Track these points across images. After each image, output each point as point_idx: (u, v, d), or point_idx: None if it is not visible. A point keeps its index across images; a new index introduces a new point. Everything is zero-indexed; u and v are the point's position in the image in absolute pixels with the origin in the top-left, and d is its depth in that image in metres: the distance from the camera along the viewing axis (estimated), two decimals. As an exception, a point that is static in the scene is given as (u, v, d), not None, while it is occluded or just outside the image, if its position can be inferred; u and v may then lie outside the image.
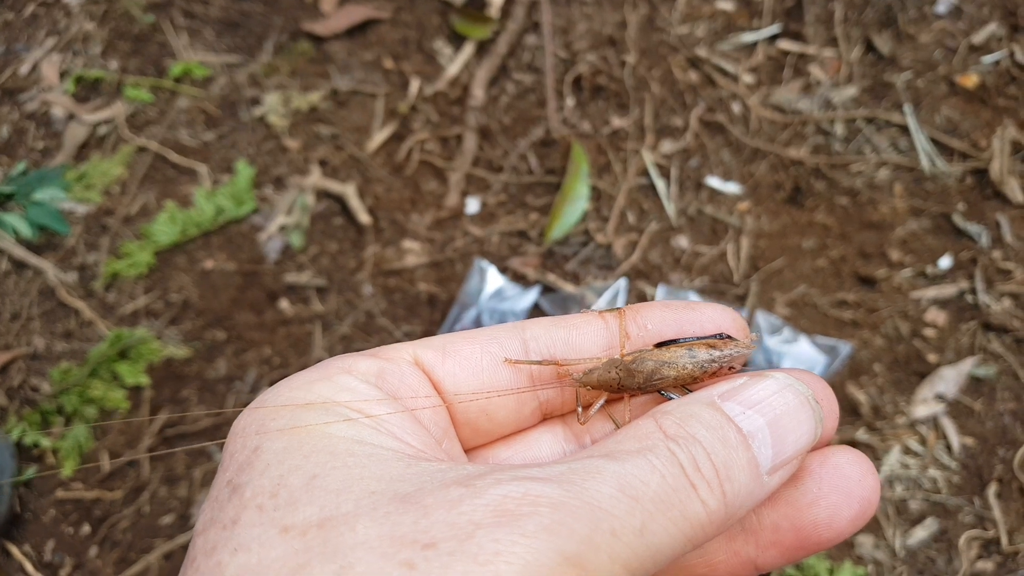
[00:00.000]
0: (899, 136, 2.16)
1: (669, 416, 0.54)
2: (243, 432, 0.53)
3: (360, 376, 0.57)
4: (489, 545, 0.43)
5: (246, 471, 0.50)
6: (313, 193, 2.26)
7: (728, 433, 0.53)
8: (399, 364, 0.59)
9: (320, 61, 2.42)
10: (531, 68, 2.34)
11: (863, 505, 0.58)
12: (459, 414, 0.62)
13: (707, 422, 0.53)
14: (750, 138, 2.19)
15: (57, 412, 2.09)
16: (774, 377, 0.57)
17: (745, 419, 0.54)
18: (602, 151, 2.23)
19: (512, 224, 2.18)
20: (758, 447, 0.53)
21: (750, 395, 0.56)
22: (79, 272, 2.24)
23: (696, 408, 0.54)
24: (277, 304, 2.16)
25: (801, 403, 0.56)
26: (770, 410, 0.55)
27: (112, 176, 2.33)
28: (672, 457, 0.50)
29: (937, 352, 1.96)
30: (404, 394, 0.58)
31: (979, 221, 2.06)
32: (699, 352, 0.62)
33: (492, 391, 0.62)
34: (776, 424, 0.55)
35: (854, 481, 0.58)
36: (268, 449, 0.51)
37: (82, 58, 2.51)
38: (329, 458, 0.49)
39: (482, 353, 0.62)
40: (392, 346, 0.61)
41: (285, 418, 0.52)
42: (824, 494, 0.58)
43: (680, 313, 0.63)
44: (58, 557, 1.97)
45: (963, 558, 1.78)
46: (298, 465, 0.49)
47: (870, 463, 0.59)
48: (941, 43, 2.24)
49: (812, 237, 2.09)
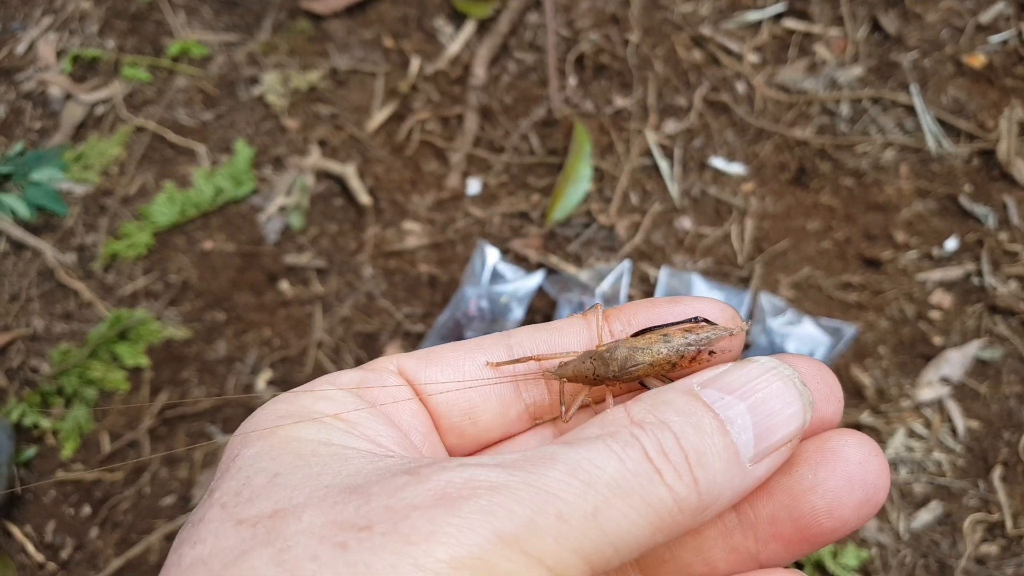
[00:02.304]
0: (905, 116, 2.14)
1: (640, 403, 0.52)
2: (230, 446, 0.56)
3: (342, 387, 0.59)
4: (423, 526, 0.44)
5: (222, 477, 0.52)
6: (313, 173, 2.24)
7: (703, 419, 0.51)
8: (381, 373, 0.61)
9: (319, 40, 2.39)
10: (533, 47, 2.32)
11: (867, 491, 0.55)
12: (443, 418, 0.62)
13: (680, 408, 0.51)
14: (754, 118, 2.17)
15: (57, 393, 2.08)
16: (758, 362, 0.55)
17: (723, 404, 0.52)
18: (605, 131, 2.20)
19: (514, 205, 2.16)
20: (737, 433, 0.51)
21: (730, 380, 0.54)
22: (78, 253, 2.22)
23: (671, 395, 0.53)
24: (277, 285, 2.14)
25: (785, 386, 0.54)
26: (751, 394, 0.53)
27: (110, 156, 2.31)
28: (634, 442, 0.48)
29: (943, 335, 1.94)
30: (383, 400, 0.59)
31: (986, 203, 2.04)
32: (674, 337, 0.60)
33: (465, 381, 0.62)
34: (758, 408, 0.53)
35: (854, 464, 0.55)
36: (243, 455, 0.53)
37: (79, 37, 2.48)
38: (294, 459, 0.51)
39: (465, 358, 0.63)
40: (380, 359, 0.63)
41: (264, 425, 0.55)
42: (821, 480, 0.55)
43: (665, 308, 0.62)
44: (59, 538, 1.97)
45: (967, 541, 1.78)
46: (264, 467, 0.51)
47: (874, 445, 0.56)
48: (948, 22, 2.21)
49: (817, 218, 2.07)
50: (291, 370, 2.06)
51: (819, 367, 0.59)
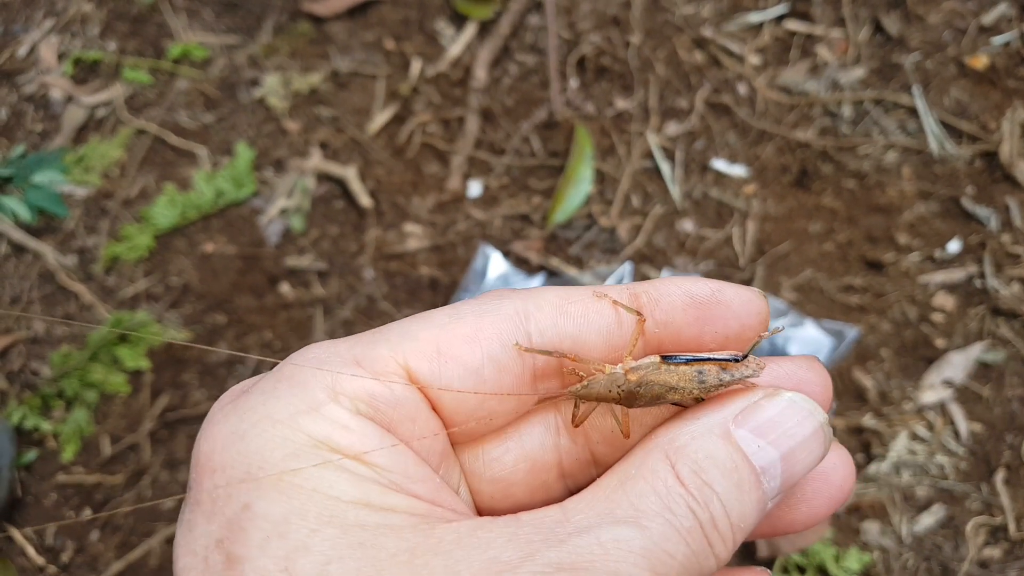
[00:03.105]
0: (907, 118, 2.13)
1: (684, 457, 0.52)
2: (222, 470, 0.48)
3: (350, 405, 0.51)
4: None
5: (240, 539, 0.45)
6: (314, 176, 2.23)
7: (743, 476, 0.52)
8: (391, 386, 0.53)
9: (320, 42, 2.39)
10: (534, 49, 2.31)
11: (840, 502, 0.58)
12: (453, 424, 0.57)
13: (722, 464, 0.52)
14: (756, 120, 2.16)
15: (57, 396, 2.07)
16: (790, 400, 0.55)
17: (760, 454, 0.53)
18: (606, 133, 2.20)
19: (515, 207, 2.16)
20: (768, 482, 0.53)
21: (765, 422, 0.54)
22: (79, 255, 2.22)
23: (711, 445, 0.53)
24: (278, 288, 2.14)
25: (815, 432, 0.55)
26: (786, 442, 0.54)
27: (111, 159, 2.31)
28: (693, 519, 0.49)
29: (945, 337, 1.94)
30: (401, 424, 0.53)
31: (988, 204, 2.03)
32: (708, 376, 0.58)
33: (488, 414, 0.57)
34: (789, 458, 0.54)
35: (836, 486, 0.58)
36: (264, 514, 0.45)
37: (80, 39, 2.48)
38: (340, 534, 0.45)
39: (483, 357, 0.55)
40: (378, 347, 0.54)
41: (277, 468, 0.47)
42: (807, 499, 0.58)
43: (706, 310, 0.58)
44: (59, 541, 1.96)
45: (970, 545, 1.77)
46: (305, 543, 0.45)
47: (851, 460, 0.59)
48: (950, 24, 2.21)
49: (819, 221, 2.07)
50: (292, 373, 2.06)
51: (812, 366, 0.60)
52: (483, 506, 0.61)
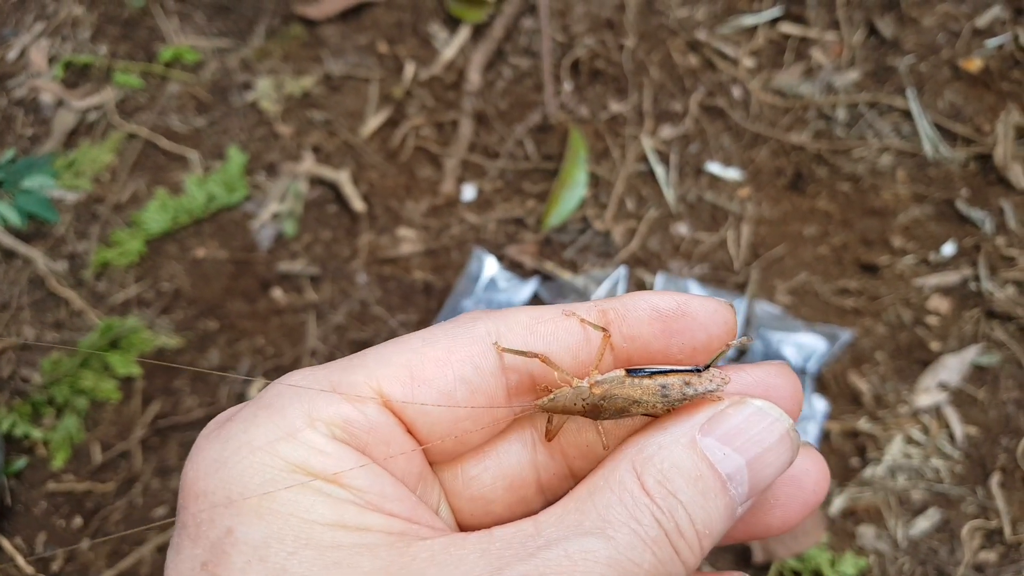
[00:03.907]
0: (902, 121, 2.13)
1: (650, 467, 0.54)
2: (206, 496, 0.50)
3: (326, 430, 0.53)
4: None
5: (223, 562, 0.47)
6: (306, 180, 2.22)
7: (708, 484, 0.53)
8: (365, 410, 0.55)
9: (313, 45, 2.38)
10: (528, 52, 2.31)
11: (814, 506, 0.61)
12: (435, 445, 0.59)
13: (687, 472, 0.53)
14: (751, 123, 2.16)
15: (48, 403, 2.06)
16: (756, 407, 0.57)
17: (725, 461, 0.55)
18: (600, 136, 2.19)
19: (509, 211, 2.15)
20: (735, 487, 0.54)
21: (731, 429, 0.56)
22: (69, 261, 2.21)
23: (677, 454, 0.54)
24: (270, 293, 2.13)
25: (781, 438, 0.57)
26: (752, 448, 0.56)
27: (102, 163, 2.29)
28: (659, 528, 0.51)
29: (940, 340, 1.93)
30: (376, 447, 0.55)
31: (983, 207, 2.03)
32: (672, 390, 0.59)
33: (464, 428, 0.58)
34: (755, 463, 0.55)
35: (809, 491, 0.60)
36: (244, 539, 0.48)
37: (71, 43, 2.47)
38: (316, 556, 0.47)
39: (454, 379, 0.57)
40: (355, 373, 0.56)
41: (256, 492, 0.49)
42: (781, 503, 0.60)
43: (672, 323, 0.59)
44: (50, 549, 1.95)
45: (966, 548, 1.76)
46: (283, 566, 0.47)
47: (824, 463, 0.61)
48: (944, 26, 2.21)
49: (813, 224, 2.06)
50: (285, 378, 2.04)
51: (781, 371, 0.61)
52: (464, 523, 0.63)
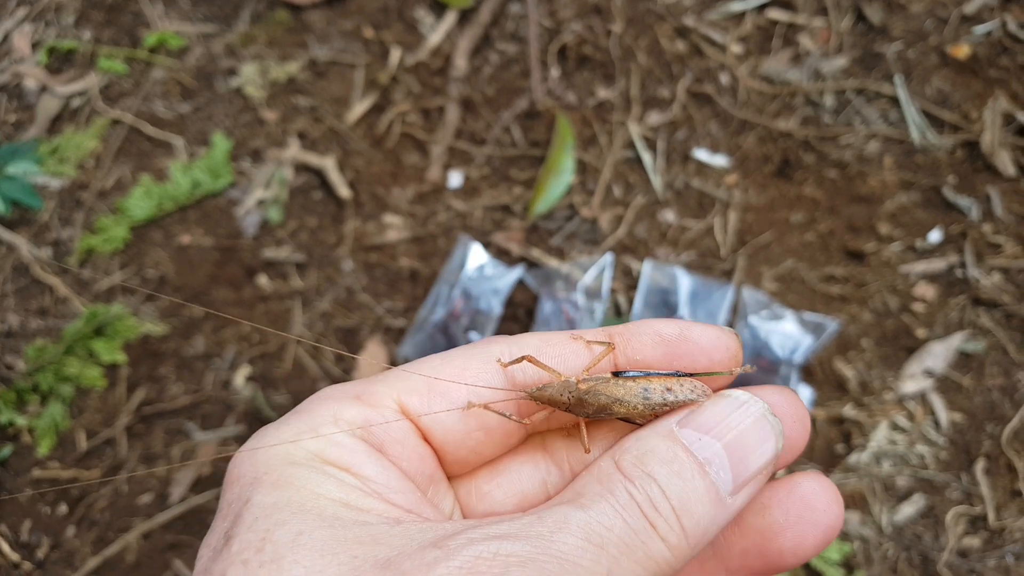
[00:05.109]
0: (889, 108, 2.12)
1: (627, 454, 0.57)
2: (238, 480, 0.56)
3: (346, 428, 0.59)
4: None
5: (237, 523, 0.53)
6: (291, 166, 2.21)
7: (684, 465, 0.56)
8: (384, 414, 0.61)
9: (298, 30, 2.36)
10: (515, 37, 2.29)
11: (827, 532, 0.61)
12: (449, 455, 0.65)
13: (663, 456, 0.56)
14: (738, 109, 2.15)
15: (32, 390, 2.05)
16: (731, 396, 0.60)
17: (701, 446, 0.57)
18: (587, 123, 2.18)
19: (495, 198, 2.14)
20: (716, 472, 0.56)
21: (706, 419, 0.59)
22: (53, 248, 2.19)
23: (653, 442, 0.58)
24: (255, 280, 2.12)
25: (758, 421, 0.59)
26: (726, 431, 0.58)
27: (86, 149, 2.28)
28: (630, 499, 0.54)
29: (926, 327, 1.93)
30: (390, 446, 0.61)
31: (969, 194, 2.03)
32: (653, 394, 0.63)
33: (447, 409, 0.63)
34: (733, 446, 0.58)
35: (820, 511, 0.61)
36: (258, 503, 0.53)
37: (55, 28, 2.44)
38: (316, 519, 0.52)
39: (467, 392, 0.63)
40: (377, 385, 0.62)
41: (276, 471, 0.55)
42: (791, 523, 0.61)
43: (674, 347, 0.64)
44: (35, 537, 1.94)
45: (950, 534, 1.77)
46: (285, 520, 0.52)
47: (835, 489, 0.62)
48: (932, 13, 2.20)
49: (800, 211, 2.06)
50: (270, 366, 2.04)
51: (788, 396, 0.63)
52: None
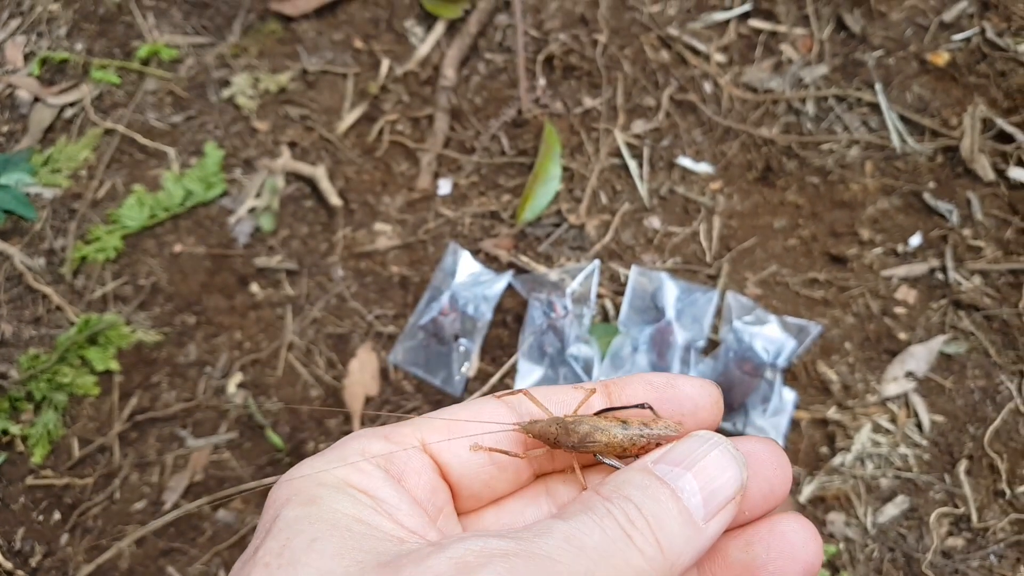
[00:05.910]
0: (870, 114, 2.16)
1: (607, 484, 0.64)
2: (273, 504, 0.64)
3: (372, 460, 0.67)
4: None
5: (266, 536, 0.60)
6: (283, 175, 2.23)
7: (658, 491, 0.62)
8: (406, 450, 0.69)
9: (289, 41, 2.39)
10: (502, 47, 2.32)
11: (806, 568, 0.67)
12: (464, 488, 0.71)
13: (638, 484, 0.62)
14: (722, 117, 2.19)
15: (26, 399, 2.06)
16: (697, 436, 0.68)
17: (673, 475, 0.63)
18: (574, 131, 2.21)
19: (484, 205, 2.17)
20: (687, 497, 0.62)
21: (676, 454, 0.66)
22: (46, 257, 2.21)
23: (630, 474, 0.64)
24: (248, 288, 2.14)
25: (721, 453, 0.66)
26: (693, 464, 0.64)
27: (79, 160, 2.30)
28: (608, 514, 0.59)
29: (907, 330, 1.96)
30: (409, 476, 0.68)
31: (949, 199, 2.06)
32: (631, 427, 0.72)
33: (489, 478, 0.73)
34: (701, 475, 0.64)
35: (799, 547, 0.67)
36: (284, 517, 0.61)
37: (47, 39, 2.47)
38: (330, 528, 0.59)
39: (479, 428, 0.71)
40: (404, 427, 0.70)
41: (305, 492, 0.63)
42: (772, 559, 0.67)
43: (662, 392, 0.73)
44: (28, 545, 1.96)
45: (933, 535, 1.80)
46: (303, 530, 0.59)
47: (814, 528, 0.68)
48: (912, 20, 2.24)
49: (783, 216, 2.09)
50: (262, 373, 2.06)
51: (768, 446, 0.70)
52: None
